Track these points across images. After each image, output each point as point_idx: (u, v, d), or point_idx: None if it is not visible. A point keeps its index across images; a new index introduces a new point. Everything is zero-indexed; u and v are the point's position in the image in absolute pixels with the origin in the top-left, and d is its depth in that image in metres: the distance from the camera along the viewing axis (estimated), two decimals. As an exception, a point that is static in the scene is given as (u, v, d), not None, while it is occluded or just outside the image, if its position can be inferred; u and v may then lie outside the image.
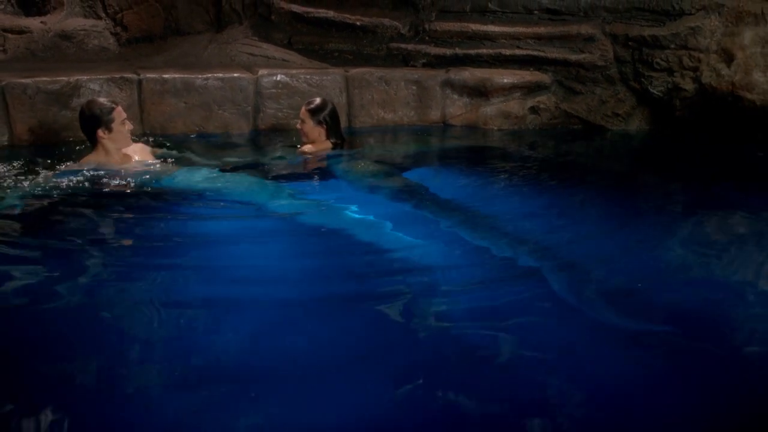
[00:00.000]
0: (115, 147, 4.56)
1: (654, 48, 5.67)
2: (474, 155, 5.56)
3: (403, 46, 6.54)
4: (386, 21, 6.61)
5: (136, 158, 4.71)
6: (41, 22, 7.52)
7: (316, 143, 5.04)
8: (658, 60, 5.66)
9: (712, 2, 5.41)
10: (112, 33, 7.53)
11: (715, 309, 2.75)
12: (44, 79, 5.50)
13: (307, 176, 4.84)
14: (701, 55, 5.40)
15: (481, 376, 2.29)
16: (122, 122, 4.52)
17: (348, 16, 6.66)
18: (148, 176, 4.48)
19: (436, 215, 3.83)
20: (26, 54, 7.30)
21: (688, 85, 5.51)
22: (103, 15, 7.61)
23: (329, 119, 5.04)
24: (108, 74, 5.78)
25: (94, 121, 4.50)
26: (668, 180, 4.76)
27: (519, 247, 3.34)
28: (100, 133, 4.50)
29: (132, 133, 4.73)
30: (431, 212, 3.89)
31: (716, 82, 5.19)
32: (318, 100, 5.09)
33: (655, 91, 5.77)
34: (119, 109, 4.56)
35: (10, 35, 7.36)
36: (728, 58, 5.18)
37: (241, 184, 4.44)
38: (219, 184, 4.39)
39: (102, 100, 4.62)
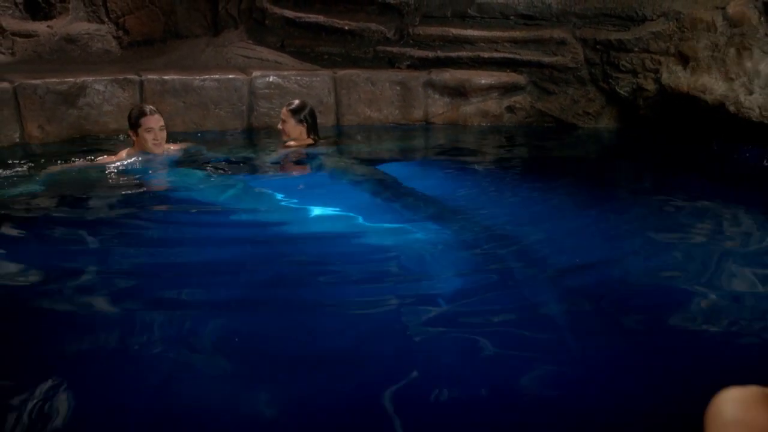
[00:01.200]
0: (140, 149, 4.99)
1: (620, 51, 6.10)
2: (452, 151, 5.97)
3: (388, 49, 6.95)
4: (373, 25, 7.02)
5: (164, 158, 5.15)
6: (47, 26, 7.92)
7: (297, 140, 5.46)
8: (624, 62, 6.09)
9: (670, 9, 5.84)
10: (114, 36, 7.94)
11: (637, 278, 3.16)
12: (53, 80, 5.92)
13: (290, 171, 5.27)
14: (661, 58, 5.82)
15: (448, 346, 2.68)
16: (146, 130, 4.91)
17: (337, 20, 7.08)
18: (153, 174, 4.93)
19: (407, 206, 4.23)
20: (33, 56, 7.70)
21: (650, 86, 5.93)
22: (106, 19, 8.01)
23: (309, 118, 5.46)
24: (112, 75, 6.19)
25: (128, 122, 5.00)
26: (625, 172, 5.20)
27: (481, 234, 3.74)
28: (131, 133, 5.00)
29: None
30: (402, 204, 4.29)
31: (674, 83, 5.61)
32: (297, 101, 5.53)
33: (621, 92, 6.20)
34: (150, 117, 4.90)
35: (18, 39, 7.77)
36: (684, 61, 5.60)
37: (229, 189, 4.82)
38: (208, 188, 4.78)
39: (143, 106, 5.08)
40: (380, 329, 2.76)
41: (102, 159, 5.05)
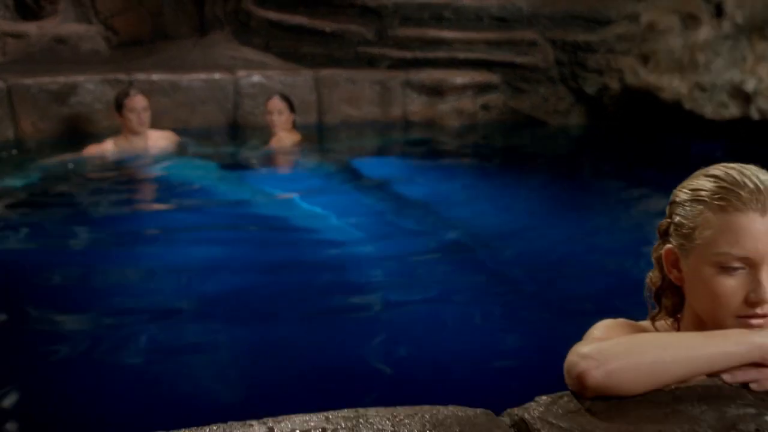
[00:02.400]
0: (127, 131, 5.26)
1: (587, 52, 6.44)
2: (428, 147, 6.32)
3: (368, 50, 7.25)
4: (354, 27, 7.31)
5: (150, 144, 5.41)
6: (38, 26, 8.15)
7: (288, 132, 5.75)
8: (590, 62, 6.44)
9: (632, 13, 6.19)
10: (103, 37, 8.18)
11: (558, 253, 3.53)
12: (45, 79, 6.19)
13: (282, 165, 5.60)
14: (625, 59, 6.17)
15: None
16: (130, 110, 5.19)
17: (319, 22, 7.37)
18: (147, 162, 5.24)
19: (377, 198, 4.57)
20: (24, 56, 7.91)
21: (615, 85, 6.28)
22: (95, 20, 8.24)
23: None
24: (102, 75, 6.46)
25: (114, 104, 5.28)
26: (583, 166, 5.56)
27: (439, 223, 4.09)
28: (116, 115, 5.28)
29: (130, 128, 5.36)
30: (374, 196, 4.62)
31: (636, 83, 5.97)
32: (284, 95, 5.84)
33: (588, 90, 6.55)
34: (133, 98, 5.21)
35: (9, 39, 7.98)
36: (645, 61, 5.96)
37: (222, 181, 5.13)
38: (202, 178, 5.09)
39: (128, 88, 5.38)
40: (347, 300, 3.08)
41: (89, 149, 5.32)
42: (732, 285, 1.34)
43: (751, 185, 1.33)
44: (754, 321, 1.35)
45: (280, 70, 7.03)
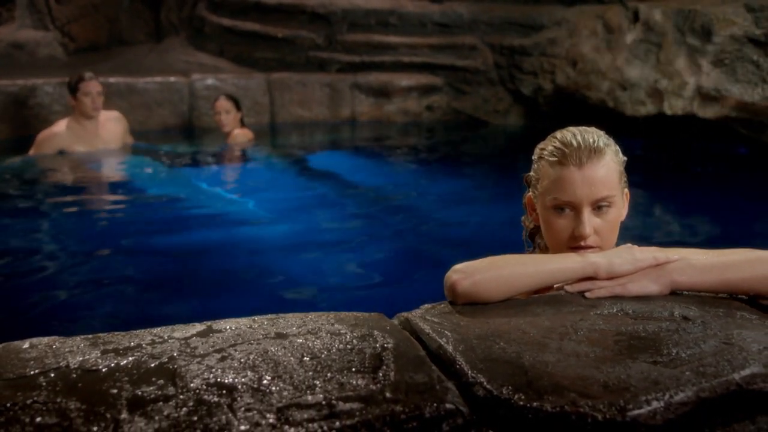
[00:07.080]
0: (79, 114, 5.44)
1: (522, 55, 6.90)
2: (374, 144, 6.70)
3: (319, 54, 7.61)
4: (304, 33, 7.66)
5: (101, 129, 5.59)
6: (-5, 33, 8.31)
7: (239, 129, 6.05)
8: (526, 65, 6.89)
9: (562, 18, 6.67)
10: (60, 43, 8.37)
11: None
12: (5, 82, 6.40)
13: (234, 162, 5.92)
14: (556, 61, 6.64)
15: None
16: (84, 94, 5.31)
17: (271, 28, 7.69)
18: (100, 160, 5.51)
19: (321, 185, 4.96)
20: (-19, 62, 8.07)
21: (548, 86, 6.74)
22: (52, 27, 8.44)
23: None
24: (60, 78, 6.68)
25: (68, 88, 5.45)
26: (516, 161, 5.97)
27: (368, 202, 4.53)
28: (70, 99, 5.43)
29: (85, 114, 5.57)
30: (319, 183, 5.02)
31: (566, 83, 6.44)
32: (229, 94, 6.14)
33: (525, 91, 6.99)
34: (88, 83, 5.35)
35: (-34, 45, 8.14)
36: (573, 63, 6.43)
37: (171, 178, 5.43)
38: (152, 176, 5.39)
39: (82, 73, 5.52)
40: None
41: (41, 135, 5.52)
42: (562, 223, 1.73)
43: (575, 144, 1.72)
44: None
45: (233, 74, 7.34)
